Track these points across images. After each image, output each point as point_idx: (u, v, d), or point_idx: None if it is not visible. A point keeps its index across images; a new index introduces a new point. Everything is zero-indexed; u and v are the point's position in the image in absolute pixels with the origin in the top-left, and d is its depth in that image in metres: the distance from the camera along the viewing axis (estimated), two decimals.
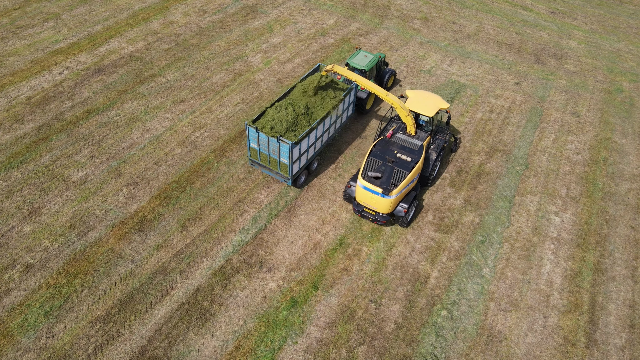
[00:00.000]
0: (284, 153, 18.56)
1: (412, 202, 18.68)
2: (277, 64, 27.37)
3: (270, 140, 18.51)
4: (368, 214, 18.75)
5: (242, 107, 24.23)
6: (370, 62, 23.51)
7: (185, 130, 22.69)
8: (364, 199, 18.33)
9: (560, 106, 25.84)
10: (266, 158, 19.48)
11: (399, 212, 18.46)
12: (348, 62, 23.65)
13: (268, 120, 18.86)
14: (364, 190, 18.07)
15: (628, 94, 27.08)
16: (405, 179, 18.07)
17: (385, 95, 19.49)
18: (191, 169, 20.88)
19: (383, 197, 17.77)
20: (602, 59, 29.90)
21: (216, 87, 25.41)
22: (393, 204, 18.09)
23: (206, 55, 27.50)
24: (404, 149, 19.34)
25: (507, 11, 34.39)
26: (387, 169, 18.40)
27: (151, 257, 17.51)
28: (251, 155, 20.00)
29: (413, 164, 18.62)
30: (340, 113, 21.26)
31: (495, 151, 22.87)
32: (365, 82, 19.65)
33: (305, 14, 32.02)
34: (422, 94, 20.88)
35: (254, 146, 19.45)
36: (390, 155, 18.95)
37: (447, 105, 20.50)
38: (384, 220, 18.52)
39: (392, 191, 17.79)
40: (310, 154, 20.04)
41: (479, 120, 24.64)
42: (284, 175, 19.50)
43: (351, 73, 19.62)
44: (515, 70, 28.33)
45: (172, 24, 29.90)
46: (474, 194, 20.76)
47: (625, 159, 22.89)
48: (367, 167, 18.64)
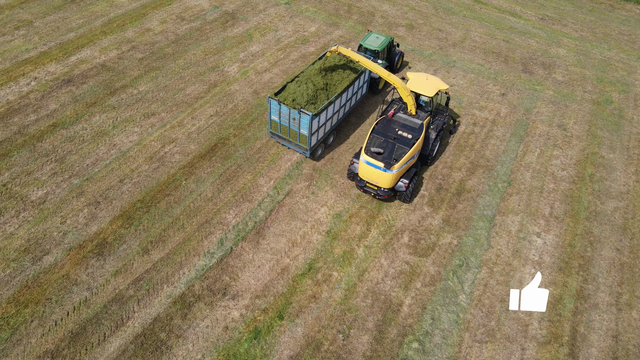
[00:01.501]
0: (304, 124, 19.60)
1: (412, 177, 19.61)
2: (255, 74, 26.44)
3: (291, 112, 19.57)
4: (370, 189, 19.58)
5: (215, 121, 23.29)
6: (382, 43, 24.91)
7: (154, 145, 21.75)
8: (367, 173, 19.18)
9: (546, 118, 24.92)
10: (286, 130, 20.57)
11: (400, 187, 19.33)
12: (361, 44, 24.98)
13: (289, 94, 20.16)
14: (367, 165, 18.93)
15: (617, 105, 26.16)
16: (406, 154, 18.93)
17: (387, 75, 20.12)
18: (157, 187, 19.94)
19: (385, 172, 18.63)
20: (592, 68, 28.98)
21: (189, 98, 24.47)
22: (394, 178, 18.92)
23: (181, 65, 26.56)
24: (405, 127, 20.10)
25: (495, 18, 33.47)
26: (389, 145, 19.23)
27: (108, 283, 16.58)
28: (271, 128, 21.09)
29: (413, 140, 19.41)
30: (356, 90, 22.47)
31: (477, 167, 21.94)
32: (368, 62, 20.16)
33: (286, 21, 31.08)
34: (423, 75, 21.68)
35: (275, 118, 20.53)
36: (391, 132, 19.74)
37: (446, 87, 21.20)
38: (385, 194, 19.37)
39: (394, 166, 18.65)
40: (327, 127, 21.19)
41: (461, 134, 23.71)
42: (302, 146, 20.63)
43: (354, 54, 20.17)
44: (501, 80, 27.41)
45: (148, 31, 28.96)
46: (453, 213, 19.83)
47: (612, 175, 21.97)
48: (370, 144, 19.53)
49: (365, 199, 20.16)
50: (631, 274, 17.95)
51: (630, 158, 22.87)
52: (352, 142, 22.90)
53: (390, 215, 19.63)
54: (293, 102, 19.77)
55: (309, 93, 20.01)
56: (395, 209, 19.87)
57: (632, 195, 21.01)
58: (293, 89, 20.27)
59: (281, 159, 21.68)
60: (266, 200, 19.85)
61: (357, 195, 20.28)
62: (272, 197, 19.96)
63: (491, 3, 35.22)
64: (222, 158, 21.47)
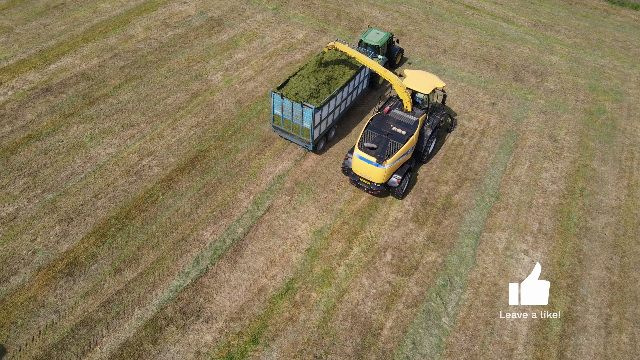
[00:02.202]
0: (306, 118, 19.81)
1: (405, 173, 19.62)
2: (239, 82, 25.80)
3: (294, 105, 19.80)
4: (363, 184, 19.73)
5: (195, 132, 22.65)
6: (382, 39, 25.10)
7: (131, 158, 21.11)
8: (360, 168, 19.30)
9: (537, 129, 24.29)
10: (289, 124, 20.77)
11: (393, 183, 19.41)
12: (362, 39, 25.14)
13: (292, 87, 20.41)
14: (360, 159, 19.03)
15: (610, 115, 25.54)
16: (399, 150, 19.00)
17: (383, 72, 20.20)
18: (133, 203, 19.30)
19: (377, 167, 18.73)
20: (585, 76, 28.36)
21: (170, 108, 23.83)
22: (387, 173, 18.98)
23: (163, 74, 25.91)
24: (399, 123, 20.21)
25: (487, 24, 32.83)
26: (383, 140, 19.33)
27: (77, 305, 15.94)
28: (274, 122, 21.31)
29: (407, 137, 19.50)
30: (357, 84, 22.81)
31: (464, 180, 21.31)
32: (365, 59, 20.24)
33: (273, 28, 30.44)
34: (420, 73, 21.63)
35: (278, 112, 20.71)
36: (386, 128, 19.87)
37: (442, 85, 21.12)
38: (378, 190, 19.49)
39: (386, 161, 18.69)
40: (329, 121, 21.41)
41: (449, 145, 23.08)
42: (305, 140, 20.86)
43: (351, 50, 20.28)
44: (491, 89, 26.78)
45: (131, 38, 28.31)
46: (439, 229, 19.20)
47: (604, 189, 21.34)
48: (364, 139, 19.61)
49: (348, 215, 19.54)
50: (621, 295, 17.32)
51: (622, 171, 22.24)
52: (340, 148, 22.27)
53: (373, 231, 19.01)
54: (296, 96, 20.01)
55: (311, 87, 20.19)
56: (379, 224, 19.25)
57: (624, 210, 20.39)
58: (295, 83, 20.48)
59: (262, 172, 21.06)
60: (245, 216, 19.22)
61: (339, 211, 19.66)
62: (251, 213, 19.33)
63: (483, 9, 34.60)
64: (201, 171, 20.84)
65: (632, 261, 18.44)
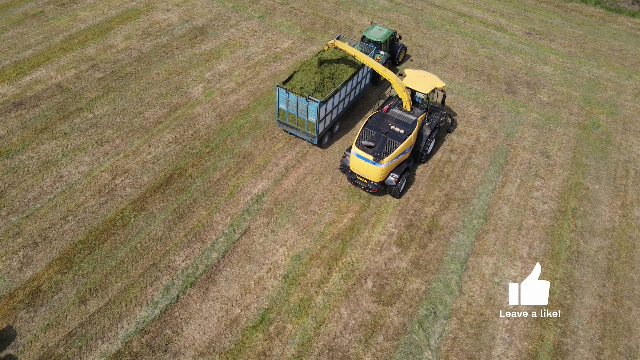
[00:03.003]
0: (311, 111, 20.02)
1: (403, 173, 19.59)
2: (220, 95, 24.89)
3: (300, 99, 19.98)
4: (360, 182, 19.74)
5: (172, 148, 21.74)
6: (385, 35, 25.26)
7: (104, 177, 20.20)
8: (357, 166, 19.26)
9: (529, 144, 23.39)
10: (294, 118, 20.95)
11: (390, 182, 19.36)
12: (364, 35, 25.33)
13: (297, 82, 20.50)
14: (357, 157, 18.98)
15: (605, 129, 24.64)
16: (397, 149, 18.96)
17: (382, 70, 20.16)
18: (103, 225, 18.39)
19: (374, 165, 18.68)
20: (579, 88, 27.46)
21: (148, 123, 22.92)
22: (383, 172, 18.94)
23: (142, 86, 25.00)
24: (398, 122, 20.19)
25: (480, 32, 31.92)
26: (380, 139, 19.32)
27: (37, 340, 15.02)
28: (279, 117, 21.51)
29: (405, 136, 19.46)
30: (360, 79, 23.00)
31: (452, 200, 20.41)
32: (364, 57, 20.10)
33: (258, 37, 29.53)
34: (420, 72, 21.57)
35: (283, 107, 20.90)
36: (384, 127, 19.87)
37: (442, 84, 21.03)
38: (375, 188, 19.49)
39: (383, 159, 18.67)
40: (333, 115, 21.63)
41: (437, 162, 22.18)
42: (310, 134, 21.07)
43: (351, 48, 20.12)
44: (482, 102, 25.88)
45: (111, 48, 27.39)
46: (423, 254, 18.30)
47: (597, 209, 20.44)
48: (362, 137, 19.57)
49: (329, 238, 18.64)
50: (614, 326, 16.42)
51: (617, 190, 21.34)
52: (324, 166, 21.37)
53: (354, 256, 18.11)
54: (301, 90, 20.16)
55: (316, 81, 20.35)
56: (361, 248, 18.35)
57: (618, 232, 19.49)
58: (300, 78, 20.61)
59: (241, 191, 20.16)
60: (221, 239, 18.32)
61: (319, 234, 18.76)
62: (227, 236, 18.43)
63: (476, 16, 33.69)
64: (176, 191, 19.94)
65: (625, 289, 17.54)
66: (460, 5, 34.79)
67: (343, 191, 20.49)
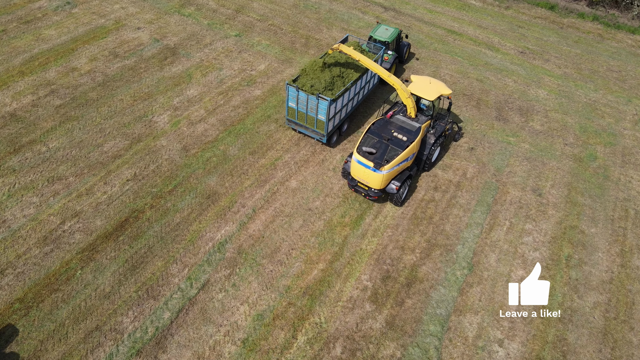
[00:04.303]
0: (321, 110, 20.06)
1: (404, 181, 19.27)
2: (187, 125, 23.07)
3: (310, 97, 20.03)
4: (361, 189, 19.49)
5: (131, 187, 19.92)
6: (392, 35, 25.13)
7: (52, 221, 18.38)
8: (358, 173, 19.05)
9: (520, 180, 21.59)
10: (303, 116, 21.04)
11: (391, 189, 19.07)
12: (371, 35, 25.24)
13: (307, 80, 20.54)
14: (358, 164, 18.81)
15: (602, 162, 22.83)
16: (398, 156, 18.65)
17: (387, 76, 19.95)
18: (45, 280, 16.57)
19: (374, 172, 18.44)
20: (575, 114, 25.66)
21: (106, 157, 21.10)
22: (384, 179, 18.64)
23: (104, 114, 23.17)
24: (401, 129, 19.85)
25: (470, 51, 30.10)
26: (382, 146, 19.05)
27: None
28: (288, 115, 21.58)
29: (408, 143, 19.12)
30: (369, 79, 23.03)
31: (434, 247, 18.60)
32: (368, 61, 19.96)
33: (233, 57, 27.71)
34: (426, 79, 21.24)
35: (292, 105, 21.00)
36: (387, 133, 19.53)
37: (449, 92, 20.71)
38: (375, 195, 19.23)
39: (384, 166, 18.39)
40: (342, 114, 21.69)
41: (419, 202, 20.38)
42: (319, 132, 21.12)
43: (356, 53, 19.92)
44: (471, 130, 24.08)
45: (73, 71, 25.56)
46: (400, 312, 16.49)
47: (594, 257, 18.64)
48: (364, 143, 19.34)
49: (295, 293, 16.83)
50: None
51: (615, 234, 19.54)
52: (294, 207, 19.55)
53: (323, 314, 16.29)
54: (311, 88, 20.16)
55: (326, 79, 20.38)
56: (331, 305, 16.54)
57: (616, 285, 17.69)
58: (311, 76, 20.66)
59: (202, 237, 18.35)
60: (175, 296, 16.50)
61: (285, 288, 16.95)
62: (183, 292, 16.61)
63: (467, 33, 31.88)
64: (131, 237, 18.12)
65: (624, 354, 15.75)
66: (450, 22, 32.99)
67: (314, 237, 18.69)
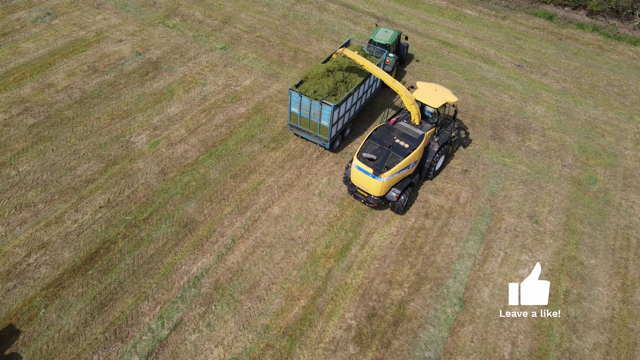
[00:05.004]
0: (325, 115, 19.92)
1: (405, 189, 18.90)
2: (166, 145, 21.96)
3: (313, 103, 19.96)
4: (361, 196, 19.21)
5: (103, 215, 18.80)
6: (392, 37, 25.05)
7: (16, 254, 17.26)
8: (357, 179, 18.81)
9: (515, 205, 20.49)
10: (306, 122, 20.88)
11: (391, 197, 18.76)
12: (372, 38, 25.11)
13: (310, 85, 20.37)
14: (357, 170, 18.56)
15: (603, 185, 21.72)
16: (399, 164, 18.33)
17: (391, 82, 19.65)
18: (6, 320, 15.46)
19: (373, 178, 18.17)
20: (574, 133, 24.55)
21: (79, 182, 19.99)
22: (383, 186, 18.33)
23: (79, 134, 22.06)
24: (404, 136, 19.55)
25: (465, 65, 28.99)
26: (383, 152, 18.80)
27: None
28: (291, 120, 21.44)
29: (409, 150, 18.80)
30: (371, 83, 22.85)
31: (423, 281, 17.49)
32: (373, 67, 19.75)
33: (218, 72, 26.60)
34: (432, 86, 20.82)
35: (295, 110, 20.83)
36: (389, 140, 19.22)
37: (455, 100, 20.28)
38: (375, 203, 18.94)
39: (383, 173, 18.12)
40: (345, 119, 21.48)
41: (409, 230, 19.27)
42: (322, 137, 20.93)
43: (360, 58, 19.82)
44: (464, 151, 22.97)
45: (49, 88, 24.45)
46: (386, 355, 15.37)
47: (593, 292, 17.52)
48: (364, 149, 19.10)
49: (274, 333, 15.72)
50: None
51: (616, 265, 18.43)
52: (275, 236, 18.43)
53: (303, 358, 15.16)
54: (315, 94, 19.97)
55: (329, 85, 20.23)
56: (312, 347, 15.43)
57: (617, 324, 16.57)
58: (314, 81, 20.46)
59: (176, 271, 17.23)
60: (145, 337, 15.38)
61: (264, 328, 15.83)
62: (153, 333, 15.49)
63: (462, 45, 30.76)
64: (101, 271, 17.01)
65: None
66: (444, 33, 31.88)
67: (297, 269, 17.58)
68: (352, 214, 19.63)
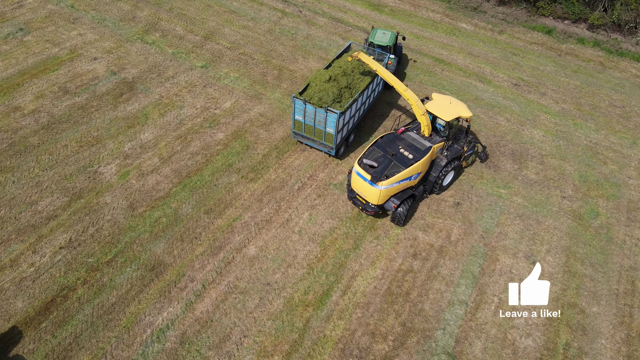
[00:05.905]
0: (330, 123, 19.60)
1: (405, 200, 18.45)
2: (137, 176, 20.47)
3: (317, 110, 19.60)
4: (359, 202, 19.02)
5: (63, 256, 17.31)
6: (391, 38, 24.72)
7: None
8: (357, 185, 18.59)
9: (511, 244, 19.01)
10: (311, 129, 20.57)
11: (389, 207, 18.43)
12: (371, 41, 24.60)
13: (315, 93, 19.85)
14: (357, 175, 18.34)
15: (605, 220, 20.25)
16: (400, 173, 18.01)
17: (403, 90, 19.39)
18: None
19: (371, 185, 17.89)
20: (574, 160, 23.07)
21: (39, 219, 18.50)
22: (382, 195, 18.00)
23: (43, 164, 20.57)
24: (410, 146, 19.24)
25: (459, 84, 27.50)
26: (385, 160, 18.60)
27: None
28: (295, 128, 21.06)
29: (413, 161, 18.47)
30: (375, 87, 22.58)
31: (409, 332, 16.00)
32: (386, 73, 19.57)
33: (197, 93, 25.10)
34: (447, 98, 20.24)
35: (299, 118, 20.47)
36: (393, 148, 19.05)
37: (469, 114, 19.72)
38: (372, 211, 18.65)
39: (382, 182, 17.79)
40: (350, 125, 21.17)
41: (394, 273, 17.78)
42: (327, 145, 20.65)
43: (374, 63, 19.50)
44: (457, 181, 21.48)
45: (15, 111, 22.95)
46: None
47: (596, 345, 16.04)
48: (366, 155, 18.85)
49: None
50: None
51: (620, 313, 16.95)
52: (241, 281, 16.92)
53: None
54: (319, 101, 19.65)
55: (334, 92, 19.86)
56: None
57: None
58: (318, 88, 20.00)
59: (140, 322, 15.74)
60: None
61: None
62: None
63: (456, 63, 29.26)
64: (55, 324, 15.51)
65: None
66: (438, 49, 30.39)
67: (271, 320, 16.08)
68: (334, 255, 18.16)
